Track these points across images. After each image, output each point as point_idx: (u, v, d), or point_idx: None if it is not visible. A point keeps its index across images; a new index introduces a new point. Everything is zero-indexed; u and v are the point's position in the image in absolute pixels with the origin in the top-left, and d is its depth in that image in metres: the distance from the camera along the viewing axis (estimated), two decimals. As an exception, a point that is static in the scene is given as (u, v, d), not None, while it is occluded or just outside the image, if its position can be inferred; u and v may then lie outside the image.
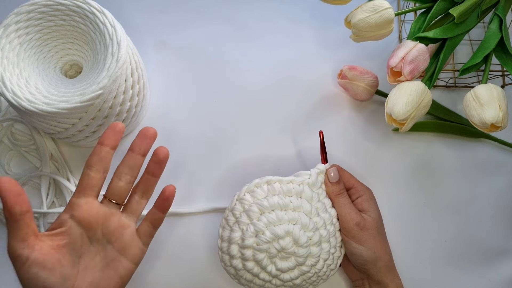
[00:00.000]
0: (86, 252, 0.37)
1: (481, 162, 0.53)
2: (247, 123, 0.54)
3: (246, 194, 0.44)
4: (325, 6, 0.58)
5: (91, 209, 0.37)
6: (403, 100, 0.42)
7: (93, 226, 0.37)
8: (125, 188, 0.39)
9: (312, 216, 0.43)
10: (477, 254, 0.50)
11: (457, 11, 0.43)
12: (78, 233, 0.37)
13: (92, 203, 0.37)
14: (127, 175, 0.39)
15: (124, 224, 0.39)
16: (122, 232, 0.39)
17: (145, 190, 0.40)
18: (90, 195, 0.37)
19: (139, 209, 0.40)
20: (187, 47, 0.58)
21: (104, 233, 0.38)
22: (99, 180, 0.38)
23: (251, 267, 0.42)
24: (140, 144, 0.39)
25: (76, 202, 0.37)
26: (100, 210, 0.38)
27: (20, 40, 0.45)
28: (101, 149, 0.37)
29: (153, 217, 0.40)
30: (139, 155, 0.39)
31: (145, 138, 0.39)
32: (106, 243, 0.38)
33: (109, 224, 0.38)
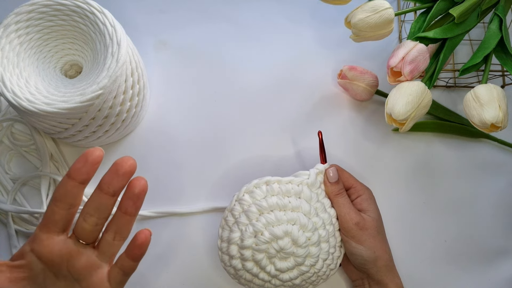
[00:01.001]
0: (52, 286, 0.34)
1: (481, 162, 0.53)
2: (247, 123, 0.54)
3: (245, 194, 0.44)
4: (325, 6, 0.58)
5: (52, 245, 0.33)
6: (403, 100, 0.42)
7: (56, 263, 0.33)
8: (91, 230, 0.33)
9: (311, 216, 0.43)
10: (477, 254, 0.50)
11: (457, 11, 0.43)
12: (40, 268, 0.33)
13: (54, 240, 0.33)
14: (92, 217, 0.33)
15: (94, 265, 0.34)
16: (91, 272, 0.34)
17: (118, 230, 0.34)
18: (53, 231, 0.33)
19: (112, 250, 0.35)
20: (187, 47, 0.58)
21: (70, 271, 0.33)
22: (64, 216, 0.32)
23: (251, 267, 0.42)
24: (109, 181, 0.31)
25: (38, 236, 0.33)
26: (64, 248, 0.33)
27: (20, 40, 0.45)
28: (67, 183, 0.31)
29: (124, 264, 0.35)
30: (108, 195, 0.32)
31: (117, 175, 0.31)
32: (74, 280, 0.34)
33: (74, 263, 0.33)
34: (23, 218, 0.50)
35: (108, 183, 0.32)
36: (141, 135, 0.54)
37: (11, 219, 0.50)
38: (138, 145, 0.54)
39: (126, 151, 0.53)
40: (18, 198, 0.51)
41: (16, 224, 0.50)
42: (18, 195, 0.51)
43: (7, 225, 0.50)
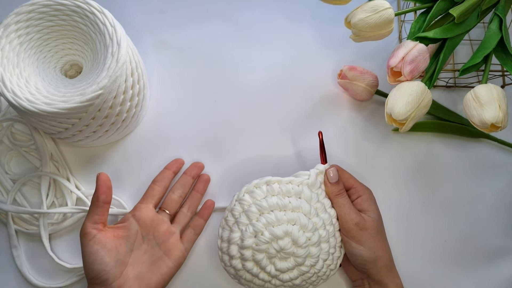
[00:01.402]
0: (138, 248, 0.45)
1: (481, 162, 0.53)
2: (247, 123, 0.54)
3: (245, 194, 0.44)
4: (325, 6, 0.58)
5: (148, 212, 0.47)
6: (403, 100, 0.42)
7: (147, 226, 0.46)
8: (176, 201, 0.49)
9: (311, 216, 0.43)
10: (477, 254, 0.50)
11: (457, 11, 0.43)
12: (135, 230, 0.45)
13: (150, 208, 0.47)
14: (179, 190, 0.49)
15: (171, 231, 0.47)
16: (168, 237, 0.47)
17: (191, 204, 0.50)
18: (150, 203, 0.47)
19: (185, 220, 0.49)
20: (187, 47, 0.58)
21: (154, 235, 0.46)
22: (160, 193, 0.49)
23: (251, 267, 0.42)
24: (191, 170, 0.51)
25: (139, 206, 0.47)
26: (155, 216, 0.47)
27: (20, 40, 0.45)
28: (165, 172, 0.50)
29: (196, 224, 0.49)
30: (190, 177, 0.50)
31: (195, 167, 0.51)
32: (155, 244, 0.46)
33: (159, 228, 0.46)
34: (23, 218, 0.50)
35: (190, 170, 0.51)
36: (141, 135, 0.54)
37: (11, 219, 0.50)
38: (138, 145, 0.54)
39: (126, 151, 0.53)
40: (18, 198, 0.51)
41: (16, 224, 0.50)
42: (18, 195, 0.51)
43: (7, 225, 0.50)
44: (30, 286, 0.49)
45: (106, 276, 0.42)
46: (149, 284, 0.44)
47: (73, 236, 0.51)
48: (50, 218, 0.50)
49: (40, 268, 0.50)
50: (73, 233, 0.51)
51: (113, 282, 0.42)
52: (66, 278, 0.49)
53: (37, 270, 0.50)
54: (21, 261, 0.49)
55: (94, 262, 0.41)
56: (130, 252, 0.44)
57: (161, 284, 0.45)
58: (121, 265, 0.43)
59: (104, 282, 0.42)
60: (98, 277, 0.42)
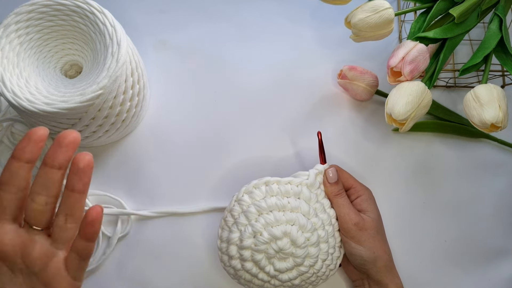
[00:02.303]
0: (9, 283, 0.32)
1: (481, 162, 0.53)
2: (247, 123, 0.54)
3: (244, 195, 0.44)
4: (325, 6, 0.58)
5: (3, 235, 0.31)
6: (403, 100, 0.42)
7: (9, 255, 0.31)
8: (41, 211, 0.31)
9: (310, 216, 0.43)
10: (477, 254, 0.50)
11: (457, 11, 0.43)
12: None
13: (4, 229, 0.31)
14: (40, 195, 0.31)
15: (49, 253, 0.32)
16: (46, 262, 0.32)
17: (69, 212, 0.31)
18: (2, 220, 0.31)
19: (66, 235, 0.32)
20: (187, 47, 0.58)
21: (25, 262, 0.32)
22: (13, 201, 0.31)
23: (250, 267, 0.42)
24: (53, 154, 0.30)
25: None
26: (17, 237, 0.31)
27: (20, 40, 0.45)
28: (12, 164, 0.30)
29: (78, 246, 0.32)
30: (54, 169, 0.30)
31: (60, 146, 0.30)
32: (31, 273, 0.32)
33: (28, 252, 0.31)
34: (23, 218, 0.50)
35: (52, 156, 0.30)
36: (141, 135, 0.54)
37: (11, 219, 0.49)
38: (138, 145, 0.54)
39: (126, 151, 0.53)
40: (18, 198, 0.51)
41: (16, 224, 0.50)
42: (18, 195, 0.51)
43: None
44: (30, 286, 0.49)
45: None
46: None
47: (73, 236, 0.51)
48: (50, 218, 0.50)
49: (40, 268, 0.50)
50: (73, 233, 0.51)
51: None
52: (66, 278, 0.49)
53: (37, 270, 0.50)
54: (20, 261, 0.49)
55: None
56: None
57: None
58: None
59: None
60: None
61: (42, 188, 0.31)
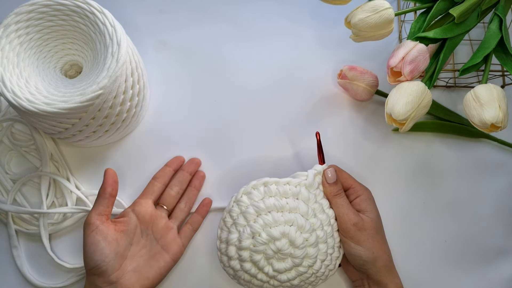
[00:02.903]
0: (136, 242, 0.46)
1: (481, 162, 0.53)
2: (247, 123, 0.54)
3: (243, 195, 0.44)
4: (325, 6, 0.57)
5: (147, 207, 0.47)
6: (403, 100, 0.42)
7: (146, 221, 0.47)
8: (174, 196, 0.50)
9: (308, 217, 0.43)
10: (477, 254, 0.50)
11: (457, 11, 0.43)
12: (134, 224, 0.46)
13: (149, 204, 0.48)
14: (176, 187, 0.50)
15: (169, 226, 0.48)
16: (166, 232, 0.48)
17: (188, 200, 0.50)
18: (149, 198, 0.48)
19: (182, 216, 0.50)
20: (187, 47, 0.58)
21: (153, 230, 0.47)
22: (159, 189, 0.49)
23: (249, 268, 0.42)
24: (188, 166, 0.52)
25: (138, 201, 0.48)
26: (154, 211, 0.48)
27: (20, 40, 0.45)
28: (165, 169, 0.51)
29: (194, 220, 0.50)
30: (187, 173, 0.51)
31: (192, 163, 0.52)
32: (153, 239, 0.47)
33: (157, 223, 0.48)
34: (23, 218, 0.50)
35: (187, 166, 0.52)
36: (141, 135, 0.54)
37: (11, 219, 0.50)
38: (138, 145, 0.54)
39: (126, 150, 0.53)
40: (18, 198, 0.51)
41: (16, 224, 0.50)
42: (18, 195, 0.51)
43: (7, 225, 0.50)
44: (30, 286, 0.49)
45: (105, 267, 0.42)
46: (147, 277, 0.45)
47: (73, 236, 0.51)
48: (50, 218, 0.50)
49: (40, 268, 0.50)
50: (73, 233, 0.51)
51: (112, 274, 0.43)
52: (66, 278, 0.49)
53: (37, 270, 0.50)
54: (21, 261, 0.49)
55: (95, 252, 0.42)
56: (130, 246, 0.45)
57: (159, 277, 0.46)
58: (120, 258, 0.44)
59: (103, 274, 0.42)
60: (97, 268, 0.42)
61: (178, 182, 0.50)
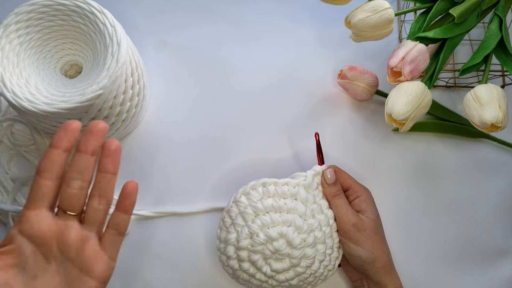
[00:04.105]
0: (42, 272, 0.33)
1: (481, 162, 0.53)
2: (247, 123, 0.54)
3: (241, 196, 0.44)
4: (325, 6, 0.57)
5: (41, 222, 0.32)
6: (403, 100, 0.42)
7: (46, 242, 0.33)
8: (77, 195, 0.33)
9: (307, 217, 0.43)
10: (477, 254, 0.50)
11: (457, 11, 0.43)
12: (30, 250, 0.32)
13: (42, 216, 0.33)
14: (76, 180, 0.33)
15: (84, 237, 0.34)
16: (82, 247, 0.33)
17: (101, 193, 0.34)
18: (40, 206, 0.33)
19: (99, 217, 0.34)
20: (187, 47, 0.58)
21: (61, 249, 0.33)
22: (51, 188, 0.33)
23: (247, 267, 0.43)
24: (86, 141, 0.33)
25: (25, 215, 0.32)
26: (53, 224, 0.33)
27: (20, 40, 0.45)
28: (51, 152, 0.32)
29: (116, 221, 0.35)
30: (87, 155, 0.33)
31: (92, 133, 0.33)
32: (65, 260, 0.33)
33: (65, 238, 0.33)
34: (23, 218, 0.50)
35: (85, 143, 0.33)
36: (141, 135, 0.54)
37: (11, 219, 0.50)
38: (138, 145, 0.54)
39: (126, 151, 0.53)
40: (18, 198, 0.51)
41: (16, 224, 0.50)
42: (18, 195, 0.51)
43: (7, 225, 0.50)
44: (30, 286, 0.49)
45: None
46: None
47: (73, 236, 0.51)
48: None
49: (40, 268, 0.50)
50: (73, 233, 0.51)
51: None
52: (66, 278, 0.49)
53: (37, 270, 0.50)
54: (21, 261, 0.49)
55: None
56: (33, 281, 0.32)
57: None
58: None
59: None
60: None
61: (77, 173, 0.33)
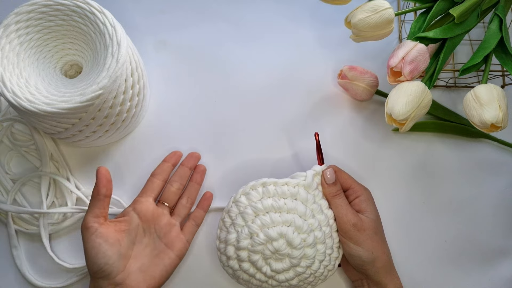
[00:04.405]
0: (139, 241, 0.45)
1: (481, 162, 0.53)
2: (246, 123, 0.54)
3: (241, 196, 0.44)
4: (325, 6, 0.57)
5: (148, 205, 0.47)
6: (403, 100, 0.42)
7: (148, 219, 0.46)
8: (175, 193, 0.49)
9: (306, 217, 0.43)
10: (477, 254, 0.50)
11: (457, 11, 0.43)
12: (136, 223, 0.45)
13: (150, 202, 0.47)
14: (177, 183, 0.50)
15: (172, 223, 0.48)
16: (169, 229, 0.47)
17: (190, 195, 0.50)
18: (150, 196, 0.48)
19: (185, 212, 0.49)
20: (187, 47, 0.58)
21: (155, 228, 0.47)
22: (159, 186, 0.49)
23: (247, 267, 0.43)
24: (188, 161, 0.51)
25: (139, 200, 0.47)
26: (155, 209, 0.47)
27: (20, 40, 0.45)
28: (164, 164, 0.50)
29: (196, 215, 0.49)
30: (187, 168, 0.51)
31: (192, 157, 0.52)
32: (156, 237, 0.47)
33: (160, 220, 0.47)
34: (23, 218, 0.50)
35: (187, 161, 0.51)
36: (141, 135, 0.54)
37: (11, 219, 0.50)
38: (138, 145, 0.54)
39: (126, 150, 0.53)
40: (18, 198, 0.51)
41: (16, 224, 0.50)
42: (18, 195, 0.51)
43: (7, 225, 0.50)
44: (30, 286, 0.49)
45: (110, 269, 0.42)
46: (153, 276, 0.44)
47: (73, 236, 0.51)
48: (50, 218, 0.50)
49: (40, 268, 0.50)
50: (73, 233, 0.51)
51: (117, 275, 0.42)
52: (66, 278, 0.49)
53: (37, 270, 0.50)
54: (21, 261, 0.49)
55: (97, 256, 0.41)
56: (132, 245, 0.45)
57: (165, 275, 0.45)
58: (124, 258, 0.43)
59: (108, 276, 0.42)
60: (101, 271, 0.41)
61: (178, 178, 0.50)
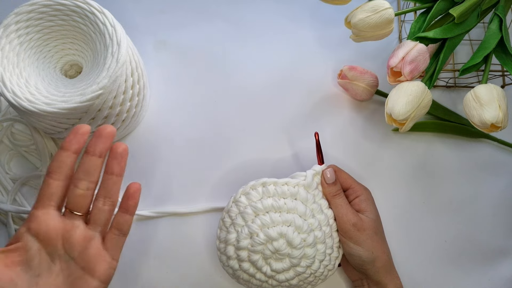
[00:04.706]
0: (46, 270, 0.34)
1: (481, 162, 0.53)
2: (247, 123, 0.54)
3: (241, 196, 0.44)
4: (325, 6, 0.57)
5: (48, 221, 0.34)
6: (403, 100, 0.42)
7: (52, 240, 0.34)
8: (84, 196, 0.35)
9: (306, 217, 0.43)
10: (477, 254, 0.50)
11: (457, 11, 0.43)
12: (36, 248, 0.33)
13: (51, 214, 0.34)
14: (83, 181, 0.34)
15: (87, 236, 0.35)
16: (85, 246, 0.34)
17: (107, 194, 0.35)
18: (48, 206, 0.34)
19: (104, 217, 0.36)
20: (187, 47, 0.58)
21: (65, 248, 0.34)
22: (59, 189, 0.34)
23: (247, 267, 0.43)
24: (94, 143, 0.34)
25: (34, 214, 0.34)
26: (60, 223, 0.34)
27: (20, 40, 0.45)
28: (61, 154, 0.34)
29: (119, 222, 0.36)
30: (95, 157, 0.34)
31: (100, 137, 0.34)
32: (69, 259, 0.34)
33: (70, 237, 0.34)
34: (23, 218, 0.50)
35: (93, 145, 0.34)
36: (141, 135, 0.54)
37: (11, 219, 0.50)
38: (138, 145, 0.54)
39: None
40: (18, 198, 0.51)
41: (16, 224, 0.50)
42: (18, 195, 0.51)
43: (7, 225, 0.50)
44: (30, 286, 0.49)
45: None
46: None
47: (73, 236, 0.51)
48: (50, 218, 0.50)
49: (40, 268, 0.50)
50: (73, 233, 0.51)
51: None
52: (66, 278, 0.49)
53: (37, 270, 0.50)
54: (21, 261, 0.49)
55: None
56: (37, 278, 0.33)
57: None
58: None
59: None
60: None
61: (84, 174, 0.34)
